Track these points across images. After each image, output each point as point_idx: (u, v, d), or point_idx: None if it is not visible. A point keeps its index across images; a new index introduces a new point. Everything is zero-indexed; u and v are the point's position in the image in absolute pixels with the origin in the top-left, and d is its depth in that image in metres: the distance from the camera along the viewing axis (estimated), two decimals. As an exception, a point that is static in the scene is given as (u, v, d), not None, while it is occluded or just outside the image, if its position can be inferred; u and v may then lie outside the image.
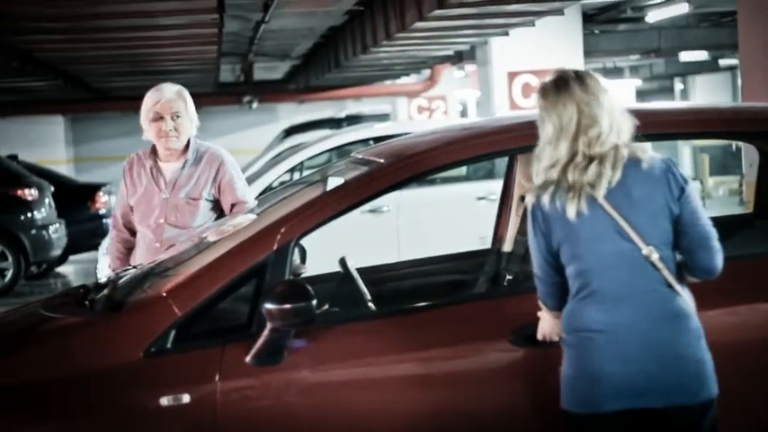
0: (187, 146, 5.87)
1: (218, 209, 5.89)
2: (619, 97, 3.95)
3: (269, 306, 4.01)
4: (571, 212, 3.80)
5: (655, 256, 3.79)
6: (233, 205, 5.84)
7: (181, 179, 5.82)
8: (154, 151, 5.89)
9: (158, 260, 5.29)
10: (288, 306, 3.99)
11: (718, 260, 3.90)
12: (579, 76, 3.90)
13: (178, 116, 5.77)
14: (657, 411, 3.81)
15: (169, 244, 5.67)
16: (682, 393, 3.80)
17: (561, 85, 3.88)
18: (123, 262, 5.92)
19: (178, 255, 5.01)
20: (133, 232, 5.96)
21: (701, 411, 3.83)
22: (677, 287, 3.83)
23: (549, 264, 3.92)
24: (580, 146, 3.81)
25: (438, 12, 10.80)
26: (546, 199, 3.84)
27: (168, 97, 5.78)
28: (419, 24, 11.72)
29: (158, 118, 5.76)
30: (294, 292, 4.02)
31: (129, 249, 5.97)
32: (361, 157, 5.03)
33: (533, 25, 13.25)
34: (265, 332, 4.07)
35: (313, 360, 4.17)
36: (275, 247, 4.22)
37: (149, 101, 5.79)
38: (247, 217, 4.97)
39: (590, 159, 3.80)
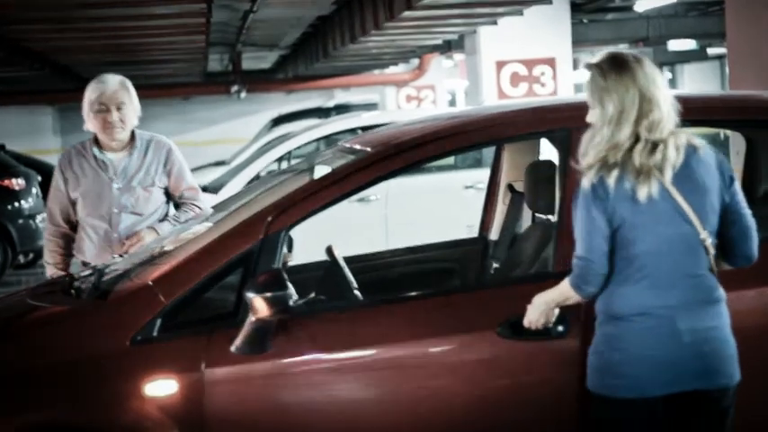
0: (132, 136, 5.88)
1: (166, 195, 5.92)
2: None
3: (248, 295, 4.01)
4: (642, 195, 3.79)
5: (709, 241, 3.86)
6: (184, 191, 5.89)
7: (131, 168, 5.82)
8: (96, 142, 5.88)
9: (133, 251, 5.31)
10: (265, 295, 3.98)
11: (757, 249, 4.01)
12: (638, 60, 3.89)
13: (122, 107, 5.77)
14: (697, 394, 3.87)
15: (129, 233, 5.69)
16: (725, 375, 3.89)
17: (622, 67, 3.86)
18: (65, 257, 5.91)
19: (164, 245, 5.00)
20: (73, 226, 5.93)
21: (733, 394, 3.92)
22: (716, 272, 3.91)
23: (603, 245, 3.84)
24: (642, 130, 3.81)
25: (426, 1, 10.80)
26: (612, 180, 3.80)
27: (113, 88, 5.78)
28: (407, 14, 11.70)
29: (103, 109, 5.76)
30: (271, 281, 4.01)
31: (69, 244, 5.94)
32: (348, 146, 5.02)
33: (521, 14, 13.24)
34: (248, 321, 4.07)
35: (297, 348, 4.17)
36: (261, 236, 4.21)
37: (93, 93, 5.79)
38: (204, 225, 4.95)
39: (653, 144, 3.81)
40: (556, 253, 4.37)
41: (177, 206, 5.93)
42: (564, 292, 4.01)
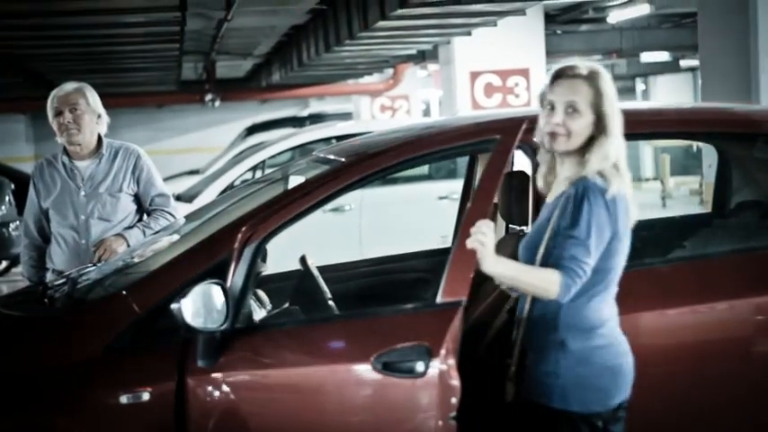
0: (100, 144, 5.89)
1: (137, 202, 5.93)
2: None
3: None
4: (634, 211, 3.88)
5: None
6: (154, 198, 5.91)
7: (98, 175, 5.85)
8: (66, 152, 5.90)
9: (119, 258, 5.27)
10: (172, 305, 3.96)
11: None
12: None
13: (75, 109, 5.79)
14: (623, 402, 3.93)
15: (98, 241, 5.68)
16: None
17: (613, 84, 3.91)
18: (38, 270, 5.91)
19: (139, 252, 4.99)
20: (46, 238, 5.93)
21: None
22: None
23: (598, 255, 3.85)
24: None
25: (400, 11, 10.81)
26: (618, 192, 3.82)
27: (66, 91, 5.83)
28: (382, 24, 11.72)
29: (58, 113, 5.81)
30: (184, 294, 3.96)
31: (42, 256, 5.95)
32: (322, 155, 5.03)
33: (495, 25, 13.28)
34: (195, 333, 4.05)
35: (264, 361, 4.14)
36: (235, 246, 4.20)
37: (49, 99, 5.85)
38: (170, 239, 4.94)
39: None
40: (447, 280, 4.06)
41: (148, 213, 5.93)
42: (533, 276, 3.80)
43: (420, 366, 3.94)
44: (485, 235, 3.70)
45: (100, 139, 5.90)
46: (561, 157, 3.91)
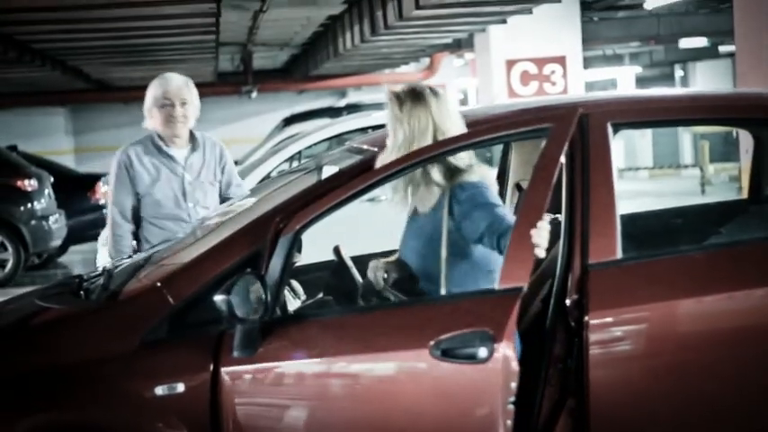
0: (191, 133, 6.15)
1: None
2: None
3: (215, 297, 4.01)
4: None
5: None
6: (233, 188, 6.21)
7: (196, 164, 6.08)
8: (159, 139, 6.06)
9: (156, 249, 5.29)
10: (216, 297, 3.98)
11: None
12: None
13: (185, 103, 6.04)
14: None
15: None
16: None
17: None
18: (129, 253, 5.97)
19: (173, 244, 5.01)
20: (137, 223, 6.06)
21: None
22: None
23: None
24: None
25: (435, 0, 10.80)
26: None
27: (178, 84, 6.05)
28: (416, 13, 11.72)
29: (168, 104, 6.01)
30: (227, 287, 3.98)
31: (134, 240, 6.09)
32: (356, 145, 5.02)
33: (531, 13, 13.23)
34: (237, 324, 4.06)
35: (301, 350, 4.14)
36: (269, 237, 4.20)
37: (158, 89, 6.03)
38: (249, 200, 5.01)
39: None
40: (506, 267, 4.07)
41: (223, 201, 6.11)
42: None
43: (483, 352, 3.95)
44: (544, 238, 3.96)
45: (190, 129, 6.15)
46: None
